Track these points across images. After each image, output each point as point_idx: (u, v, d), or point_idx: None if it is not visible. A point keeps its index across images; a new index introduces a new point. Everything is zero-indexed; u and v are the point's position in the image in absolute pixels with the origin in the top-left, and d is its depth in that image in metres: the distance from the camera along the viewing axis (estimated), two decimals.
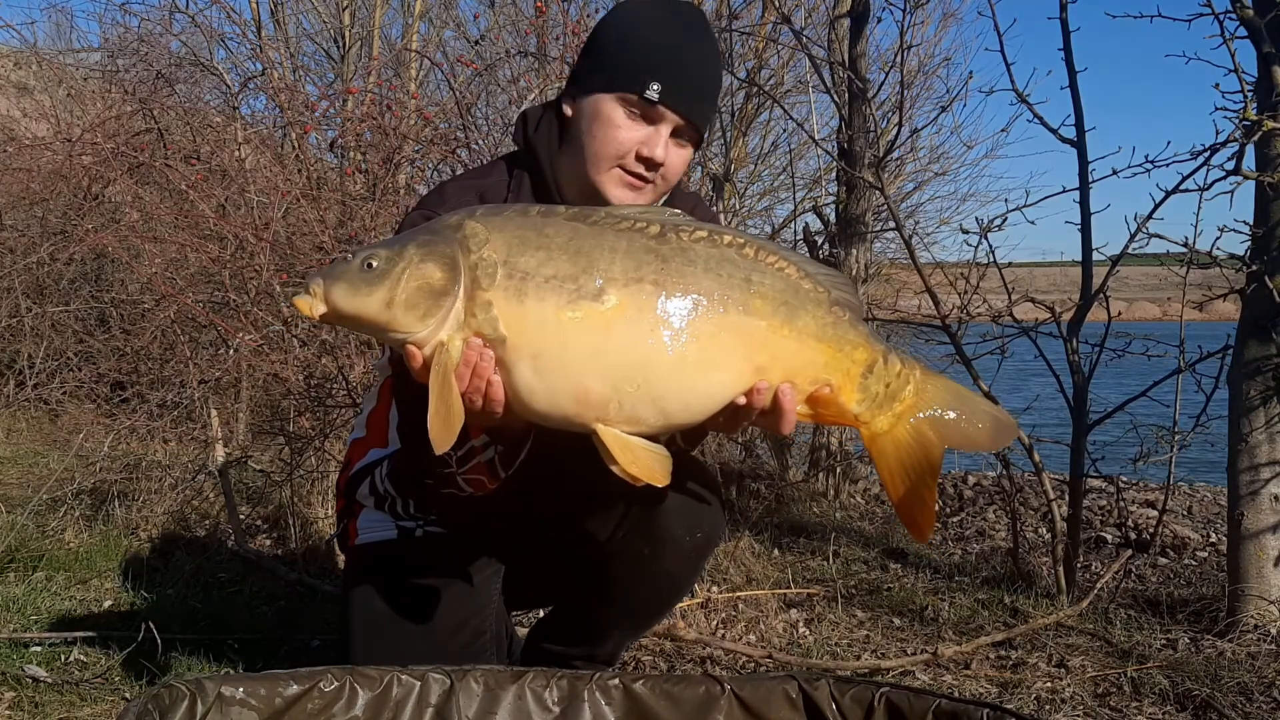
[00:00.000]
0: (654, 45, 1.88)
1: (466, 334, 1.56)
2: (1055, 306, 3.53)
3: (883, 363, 1.67)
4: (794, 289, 1.63)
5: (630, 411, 1.56)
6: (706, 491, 2.01)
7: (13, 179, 7.53)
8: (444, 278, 1.55)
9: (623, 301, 1.55)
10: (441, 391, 1.54)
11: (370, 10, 7.49)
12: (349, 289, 1.55)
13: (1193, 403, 3.53)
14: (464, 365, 1.55)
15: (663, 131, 1.88)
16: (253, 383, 4.82)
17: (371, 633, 2.02)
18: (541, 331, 1.54)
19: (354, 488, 2.13)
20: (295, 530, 3.73)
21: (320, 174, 5.12)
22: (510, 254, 1.56)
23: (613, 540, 1.97)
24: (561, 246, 1.57)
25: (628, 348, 1.55)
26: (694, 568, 2.10)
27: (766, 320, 1.61)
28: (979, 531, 4.62)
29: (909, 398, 1.68)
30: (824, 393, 1.65)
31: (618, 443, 1.57)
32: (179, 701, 1.53)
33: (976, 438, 1.73)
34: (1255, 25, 3.07)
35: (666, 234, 1.61)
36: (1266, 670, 2.69)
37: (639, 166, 1.89)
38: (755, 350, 1.60)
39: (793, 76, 6.17)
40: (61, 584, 3.19)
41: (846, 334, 1.65)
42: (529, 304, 1.54)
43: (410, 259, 1.56)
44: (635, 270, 1.56)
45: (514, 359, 1.55)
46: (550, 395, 1.56)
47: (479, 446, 1.77)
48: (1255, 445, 3.09)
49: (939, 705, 1.63)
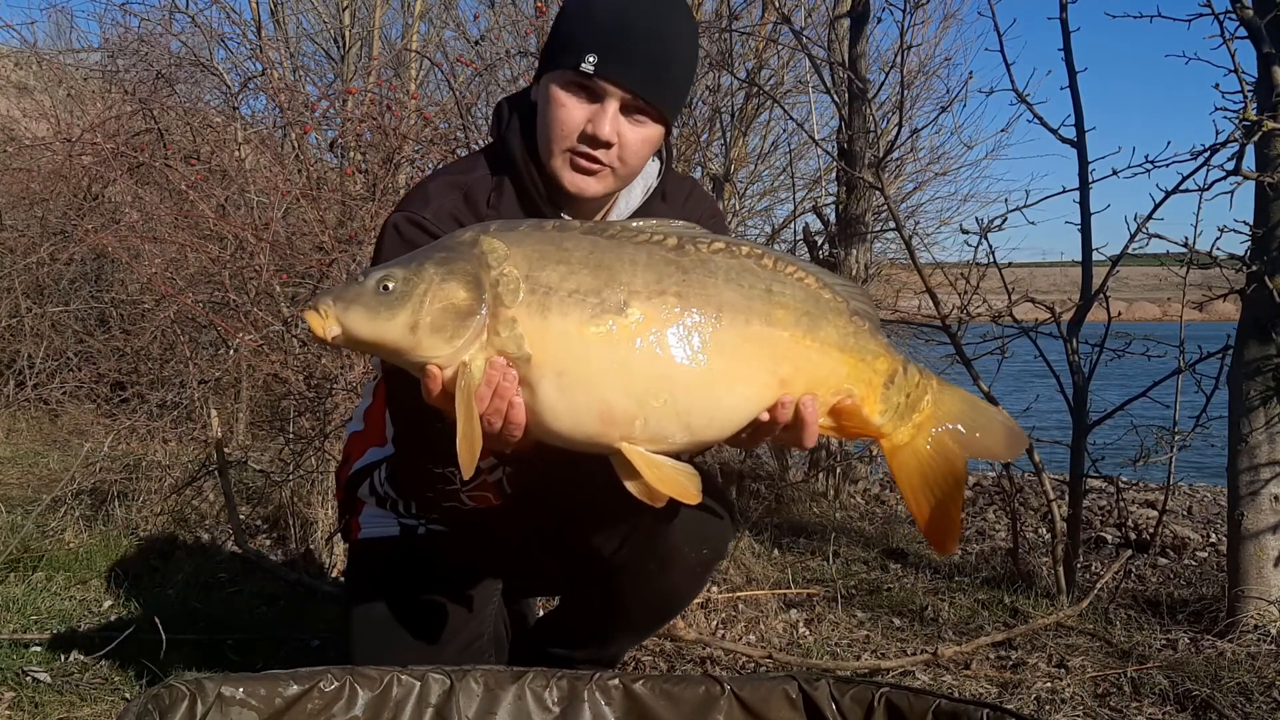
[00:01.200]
0: (592, 17, 1.78)
1: (490, 353, 1.50)
2: (1055, 307, 3.53)
3: (903, 373, 1.65)
4: (815, 299, 1.60)
5: (655, 429, 1.52)
6: (718, 506, 1.95)
7: (13, 179, 7.54)
8: (469, 296, 1.49)
9: (647, 315, 1.51)
10: (469, 414, 1.48)
11: (370, 10, 7.49)
12: (367, 313, 1.48)
13: (1193, 403, 3.53)
14: (485, 386, 1.49)
15: (609, 108, 1.77)
16: (253, 383, 4.82)
17: (371, 631, 2.01)
18: (566, 347, 1.49)
19: (354, 486, 2.11)
20: (295, 530, 3.73)
21: (320, 174, 5.12)
22: (532, 269, 1.51)
23: (618, 554, 1.92)
24: (582, 260, 1.52)
25: (653, 362, 1.51)
26: (699, 581, 2.08)
27: (789, 331, 1.57)
28: (979, 531, 4.62)
29: (928, 408, 1.66)
30: (847, 404, 1.62)
31: (644, 461, 1.52)
32: (179, 701, 1.53)
33: (993, 447, 1.71)
34: (1255, 25, 3.07)
35: (685, 245, 1.57)
36: (1266, 670, 2.68)
37: (584, 146, 1.79)
38: (779, 362, 1.57)
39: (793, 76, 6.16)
40: (61, 584, 3.19)
41: (868, 344, 1.63)
42: (553, 319, 1.49)
43: (430, 279, 1.49)
44: (657, 283, 1.52)
45: (538, 377, 1.50)
46: (573, 414, 1.51)
47: (486, 469, 1.74)
48: (1255, 445, 3.09)
49: (939, 705, 1.63)
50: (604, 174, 1.82)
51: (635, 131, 1.80)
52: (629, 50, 1.76)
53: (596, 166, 1.81)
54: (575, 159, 1.80)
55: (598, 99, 1.77)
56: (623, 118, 1.79)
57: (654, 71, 1.78)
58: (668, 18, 1.81)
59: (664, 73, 1.80)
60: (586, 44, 1.75)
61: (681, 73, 1.86)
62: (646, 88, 1.78)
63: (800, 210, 6.00)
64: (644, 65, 1.77)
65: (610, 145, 1.79)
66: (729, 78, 5.19)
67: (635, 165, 1.85)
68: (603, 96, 1.77)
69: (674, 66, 1.82)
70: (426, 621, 2.01)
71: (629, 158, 1.82)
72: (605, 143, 1.78)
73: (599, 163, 1.80)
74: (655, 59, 1.78)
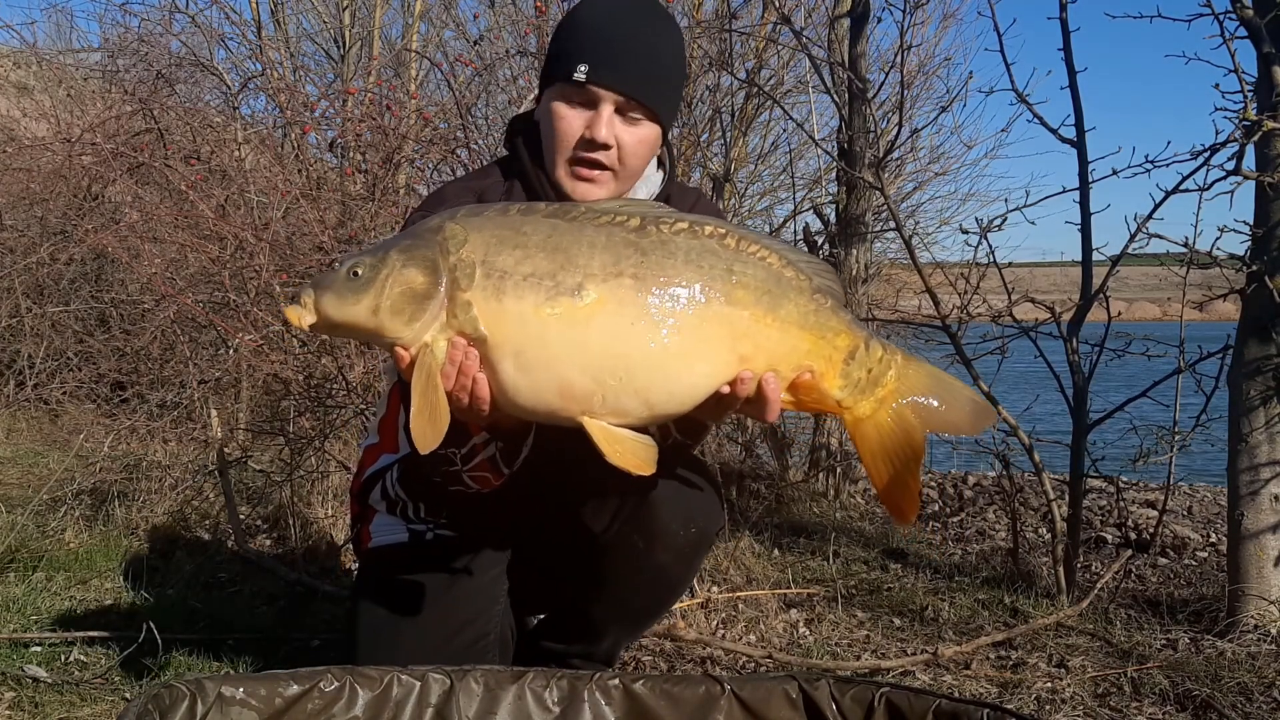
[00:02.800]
0: (581, 28, 1.89)
1: (450, 334, 1.59)
2: (1055, 306, 3.53)
3: (864, 349, 1.69)
4: (776, 277, 1.65)
5: (615, 404, 1.59)
6: (703, 484, 2.02)
7: (13, 179, 7.53)
8: (426, 281, 1.58)
9: (602, 296, 1.57)
10: (425, 391, 1.57)
11: (370, 10, 7.50)
12: (337, 298, 1.59)
13: (1193, 403, 3.53)
14: (449, 364, 1.58)
15: (604, 112, 1.87)
16: (253, 383, 4.82)
17: (375, 632, 2.03)
18: (521, 329, 1.57)
19: (367, 493, 2.16)
20: (295, 530, 3.73)
21: (320, 174, 5.12)
22: (488, 254, 1.59)
23: (607, 532, 1.99)
24: (539, 244, 1.59)
25: (609, 342, 1.58)
26: (689, 563, 2.10)
27: (749, 310, 1.62)
28: (979, 531, 4.62)
29: (891, 383, 1.70)
30: (805, 379, 1.67)
31: (603, 434, 1.59)
32: (179, 701, 1.53)
33: (957, 421, 1.74)
34: (1255, 25, 3.07)
35: (647, 227, 1.62)
36: (1266, 670, 2.68)
37: (583, 152, 1.88)
38: (739, 340, 1.62)
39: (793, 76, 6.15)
40: (61, 584, 3.19)
41: (829, 321, 1.67)
42: (507, 302, 1.57)
43: (393, 265, 1.59)
44: (614, 265, 1.59)
45: (497, 357, 1.58)
46: (534, 391, 1.59)
47: (480, 444, 1.79)
48: (1255, 445, 3.09)
49: (939, 705, 1.64)
50: (605, 178, 1.91)
51: (632, 133, 1.89)
52: (617, 55, 1.85)
53: (597, 172, 1.90)
54: (577, 169, 1.90)
55: (593, 105, 1.87)
56: (618, 120, 1.88)
57: (643, 73, 1.88)
58: (651, 24, 1.91)
59: (653, 73, 1.90)
60: (577, 55, 1.86)
61: (670, 73, 1.95)
62: (637, 89, 1.87)
63: (800, 210, 6.00)
64: (633, 68, 1.87)
65: (609, 147, 1.88)
66: (729, 78, 5.18)
67: (635, 166, 1.93)
68: (597, 102, 1.87)
69: (662, 67, 1.92)
70: (431, 620, 2.02)
71: (628, 158, 1.90)
72: (603, 145, 1.87)
73: (600, 166, 1.89)
74: (643, 61, 1.88)
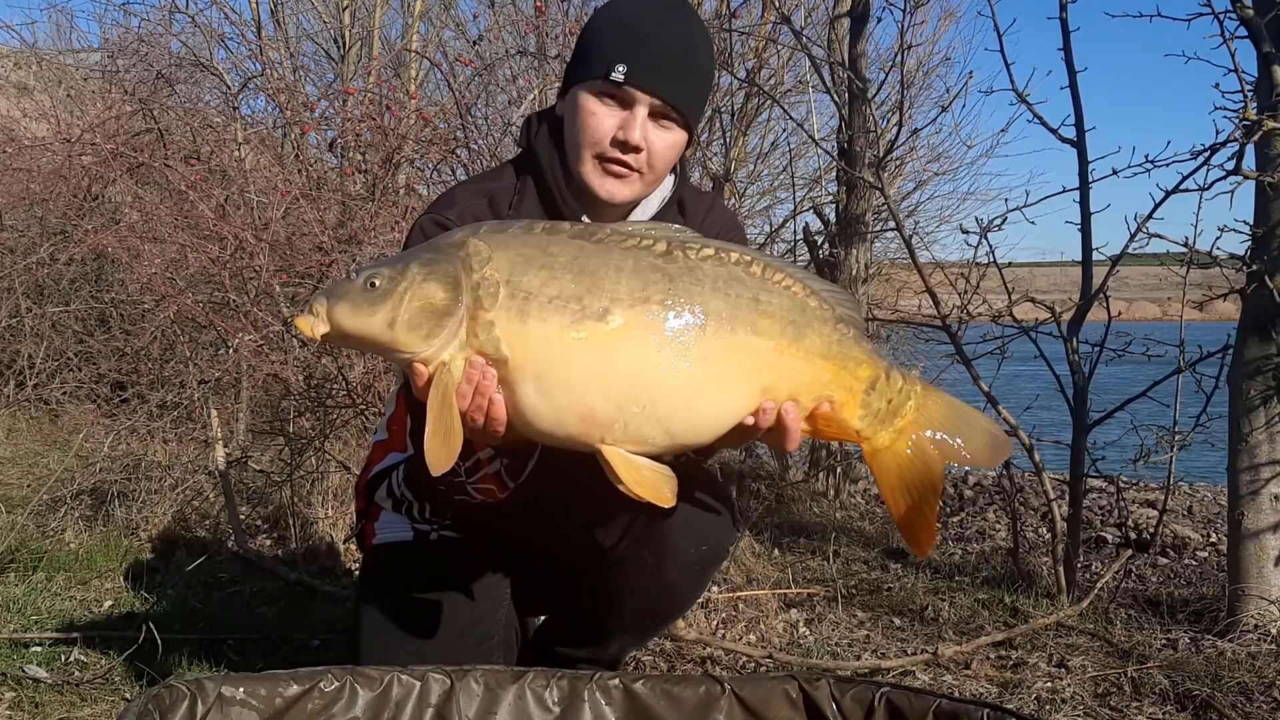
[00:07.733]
0: (620, 28, 1.87)
1: (469, 353, 1.55)
2: (1055, 306, 3.53)
3: (885, 379, 1.68)
4: (801, 307, 1.64)
5: (635, 432, 1.56)
6: (717, 503, 1.97)
7: (13, 179, 7.53)
8: (446, 297, 1.55)
9: (629, 321, 1.54)
10: (440, 411, 1.54)
11: (370, 10, 7.50)
12: (352, 309, 1.55)
13: (1193, 403, 3.53)
14: (466, 384, 1.55)
15: (638, 114, 1.85)
16: (253, 383, 4.82)
17: (379, 633, 2.02)
18: (545, 352, 1.54)
19: (373, 490, 2.15)
20: (295, 530, 3.73)
21: (320, 174, 5.13)
22: (513, 273, 1.55)
23: (617, 548, 1.95)
24: (566, 265, 1.56)
25: (634, 369, 1.55)
26: (698, 580, 2.08)
27: (774, 340, 1.61)
28: (979, 531, 4.62)
29: (910, 413, 1.69)
30: (825, 409, 1.66)
31: (622, 462, 1.56)
32: (179, 701, 1.53)
33: (975, 452, 1.74)
34: (1255, 25, 3.07)
35: (673, 252, 1.60)
36: (1266, 670, 2.68)
37: (615, 151, 1.86)
38: (763, 371, 1.61)
39: (793, 76, 6.16)
40: (61, 584, 3.19)
41: (851, 351, 1.66)
42: (531, 324, 1.54)
43: (413, 278, 1.55)
44: (642, 290, 1.56)
45: (517, 379, 1.55)
46: (554, 415, 1.56)
47: (485, 459, 1.76)
48: (1255, 445, 3.09)
49: (939, 705, 1.63)
50: (633, 179, 1.90)
51: (663, 137, 1.89)
52: (656, 59, 1.84)
53: (627, 171, 1.88)
54: (606, 165, 1.88)
55: (628, 106, 1.86)
56: (650, 123, 1.87)
57: (679, 78, 1.87)
58: (688, 28, 1.91)
59: (688, 80, 1.89)
60: (615, 54, 1.84)
61: (703, 80, 1.96)
62: (673, 94, 1.86)
63: (800, 210, 6.00)
64: (670, 73, 1.86)
65: (640, 150, 1.87)
66: (729, 77, 5.18)
67: (661, 170, 1.93)
68: (632, 104, 1.85)
69: (697, 73, 1.92)
70: (435, 621, 2.01)
71: (656, 162, 1.90)
72: (635, 147, 1.86)
73: (629, 168, 1.88)
74: (680, 67, 1.87)
